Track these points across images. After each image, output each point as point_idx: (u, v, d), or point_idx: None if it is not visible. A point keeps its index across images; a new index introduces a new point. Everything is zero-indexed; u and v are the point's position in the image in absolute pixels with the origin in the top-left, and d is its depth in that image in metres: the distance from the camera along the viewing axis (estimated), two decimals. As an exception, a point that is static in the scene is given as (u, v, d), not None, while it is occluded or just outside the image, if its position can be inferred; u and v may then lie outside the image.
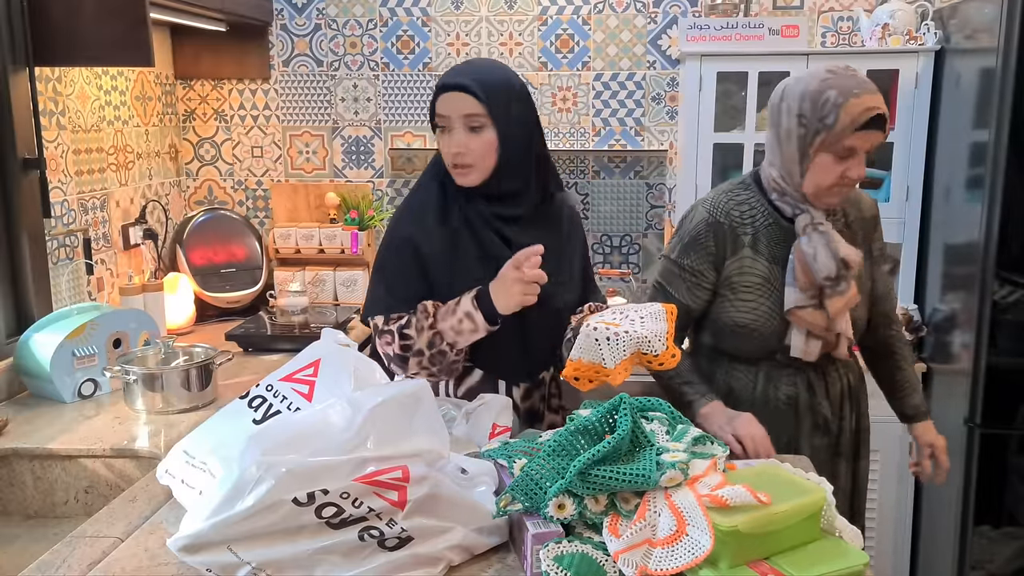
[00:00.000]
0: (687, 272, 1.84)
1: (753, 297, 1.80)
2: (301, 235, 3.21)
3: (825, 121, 1.68)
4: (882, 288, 1.95)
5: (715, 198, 1.85)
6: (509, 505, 1.27)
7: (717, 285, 1.84)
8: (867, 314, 1.90)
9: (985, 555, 2.51)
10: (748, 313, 1.81)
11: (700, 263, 1.83)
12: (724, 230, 1.82)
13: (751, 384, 1.85)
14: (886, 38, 2.75)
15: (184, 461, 1.39)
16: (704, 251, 1.82)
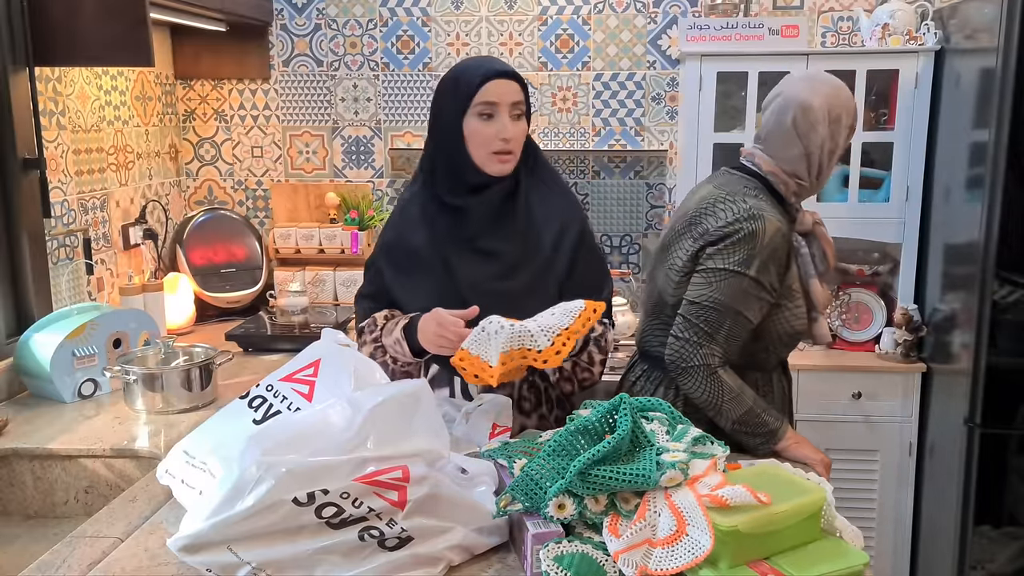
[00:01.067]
0: (766, 289, 1.73)
1: (802, 302, 1.80)
2: (301, 235, 3.21)
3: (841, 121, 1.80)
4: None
5: (769, 210, 1.75)
6: (509, 505, 1.27)
7: (778, 296, 1.77)
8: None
9: (985, 555, 2.51)
10: (801, 318, 1.80)
11: (776, 277, 1.75)
12: (788, 239, 1.77)
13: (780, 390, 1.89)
14: (886, 38, 2.75)
15: (184, 461, 1.39)
16: (779, 264, 1.75)
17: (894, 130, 2.77)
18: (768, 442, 1.70)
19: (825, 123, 1.76)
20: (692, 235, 1.78)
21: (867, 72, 2.73)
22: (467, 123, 1.67)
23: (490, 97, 1.66)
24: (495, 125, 1.66)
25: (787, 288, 1.77)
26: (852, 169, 2.81)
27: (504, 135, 1.66)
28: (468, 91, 1.67)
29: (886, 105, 2.88)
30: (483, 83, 1.67)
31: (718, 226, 1.73)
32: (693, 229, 1.78)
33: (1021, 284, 2.39)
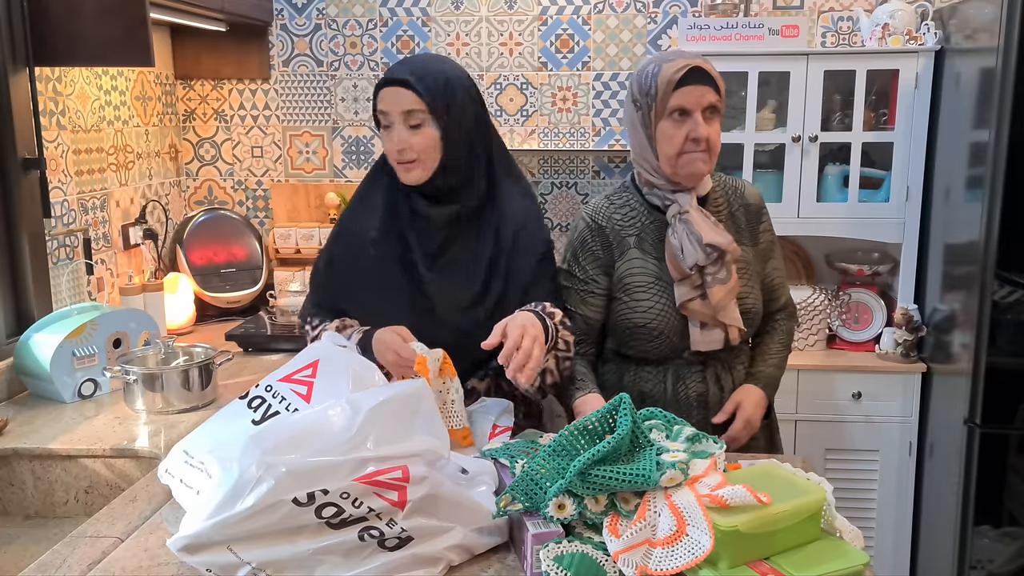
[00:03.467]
0: (579, 281, 1.85)
1: (647, 296, 1.80)
2: (301, 235, 3.21)
3: (649, 92, 1.72)
4: (776, 280, 1.92)
5: (595, 204, 1.88)
6: (509, 505, 1.27)
7: (611, 290, 1.84)
8: (763, 305, 1.88)
9: (985, 555, 2.51)
10: (644, 313, 1.81)
11: (591, 269, 1.84)
12: (607, 234, 1.84)
13: (661, 385, 1.85)
14: (886, 38, 2.75)
15: (184, 461, 1.39)
16: (592, 257, 1.84)
17: (894, 130, 2.77)
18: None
19: (629, 100, 1.78)
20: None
21: (867, 72, 2.73)
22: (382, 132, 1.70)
23: (383, 106, 1.66)
24: (391, 136, 1.66)
25: (619, 282, 1.83)
26: (852, 169, 2.81)
27: (399, 147, 1.64)
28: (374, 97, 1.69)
29: (886, 105, 2.88)
30: (377, 92, 1.67)
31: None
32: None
33: (1021, 284, 2.39)
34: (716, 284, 1.75)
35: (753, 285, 1.84)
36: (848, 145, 2.81)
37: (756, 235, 1.88)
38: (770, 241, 1.90)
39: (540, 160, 3.24)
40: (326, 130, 3.32)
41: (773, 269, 1.92)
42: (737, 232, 1.83)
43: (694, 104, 1.69)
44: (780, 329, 1.95)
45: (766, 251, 1.90)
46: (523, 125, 3.23)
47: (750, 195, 1.88)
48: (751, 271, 1.84)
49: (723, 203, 1.84)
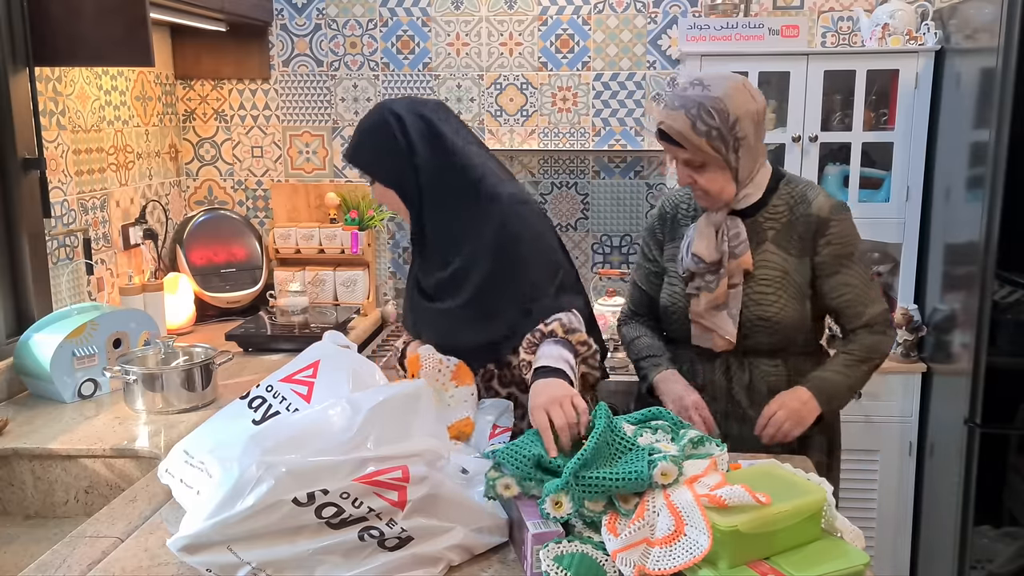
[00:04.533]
0: (643, 257, 2.04)
1: (676, 281, 1.93)
2: (301, 235, 3.21)
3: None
4: (844, 297, 1.85)
5: (673, 191, 2.04)
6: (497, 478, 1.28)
7: (663, 270, 1.99)
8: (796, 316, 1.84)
9: (985, 555, 2.51)
10: (669, 296, 1.94)
11: (651, 248, 2.02)
12: (668, 218, 2.00)
13: (680, 364, 1.95)
14: (886, 38, 2.75)
15: (184, 461, 1.39)
16: (654, 237, 2.02)
17: (894, 130, 2.77)
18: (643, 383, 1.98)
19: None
20: None
21: (867, 72, 2.73)
22: None
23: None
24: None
25: (667, 263, 1.98)
26: (852, 169, 2.81)
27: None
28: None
29: (886, 105, 2.88)
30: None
31: None
32: None
33: (1021, 284, 2.39)
34: (703, 291, 1.84)
35: (783, 296, 1.82)
36: (848, 145, 2.81)
37: (814, 247, 1.83)
38: (837, 256, 1.83)
39: (540, 160, 3.24)
40: (326, 130, 3.32)
41: (842, 284, 1.84)
42: (786, 243, 1.83)
43: (674, 156, 1.81)
44: (855, 341, 1.87)
45: (828, 265, 1.84)
46: (523, 125, 3.23)
47: (817, 206, 1.84)
48: (787, 282, 1.83)
49: (784, 212, 1.85)
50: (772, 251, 1.84)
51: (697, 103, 1.72)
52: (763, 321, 1.82)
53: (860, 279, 1.86)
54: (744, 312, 1.83)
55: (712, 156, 1.74)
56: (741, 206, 1.84)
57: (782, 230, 1.84)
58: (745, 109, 1.74)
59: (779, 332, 1.84)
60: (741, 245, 1.81)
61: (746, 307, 1.83)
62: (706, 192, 1.80)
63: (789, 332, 1.85)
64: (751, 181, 1.83)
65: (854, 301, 1.85)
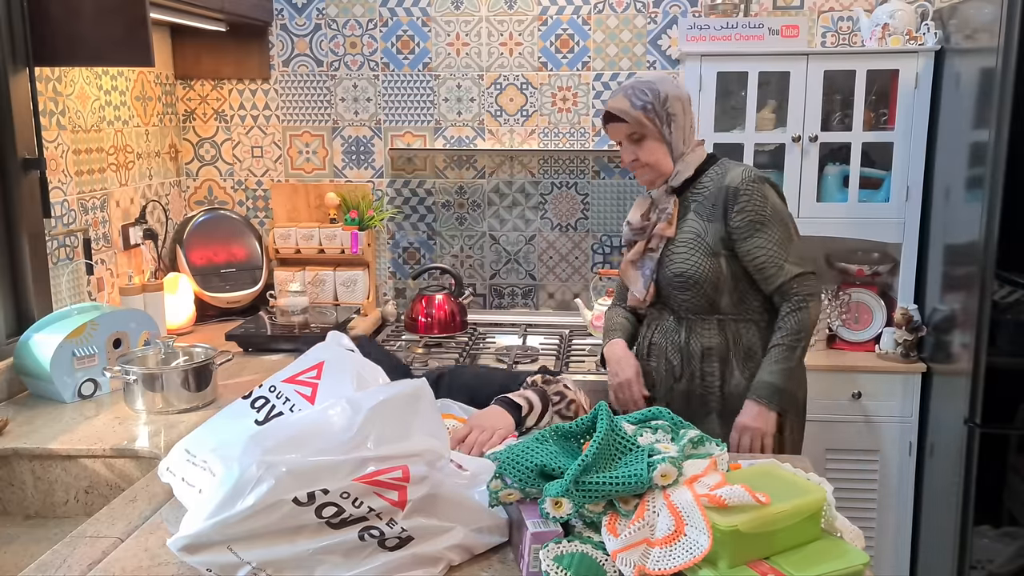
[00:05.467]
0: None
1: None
2: (301, 235, 3.21)
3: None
4: (757, 259, 2.04)
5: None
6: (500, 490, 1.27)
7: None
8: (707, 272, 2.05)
9: (985, 555, 2.51)
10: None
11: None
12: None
13: (640, 334, 2.27)
14: (886, 38, 2.75)
15: (185, 459, 1.39)
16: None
17: (894, 130, 2.77)
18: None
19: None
20: None
21: (867, 72, 2.73)
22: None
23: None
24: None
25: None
26: (852, 169, 2.81)
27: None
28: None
29: (886, 105, 2.88)
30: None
31: None
32: None
33: (1021, 284, 2.39)
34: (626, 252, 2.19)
35: (694, 254, 2.06)
36: (848, 145, 2.82)
37: (727, 214, 2.04)
38: (750, 222, 2.03)
39: (540, 160, 3.25)
40: (326, 130, 3.32)
41: (755, 247, 2.03)
42: (703, 211, 2.08)
43: (616, 137, 2.12)
44: (782, 327, 2.06)
45: (742, 229, 2.04)
46: (523, 125, 3.23)
47: (731, 178, 2.06)
48: (699, 243, 2.07)
49: (708, 186, 2.10)
50: (691, 219, 2.09)
51: (631, 87, 2.07)
52: (677, 277, 2.07)
53: (775, 242, 2.04)
54: (662, 271, 2.10)
55: (648, 127, 2.04)
56: (675, 183, 2.10)
57: (702, 201, 2.09)
58: (674, 92, 2.06)
59: (692, 287, 2.07)
60: (665, 216, 2.09)
61: (664, 266, 2.10)
62: (646, 165, 2.09)
63: (704, 288, 2.06)
64: (683, 161, 2.08)
65: (767, 263, 2.04)
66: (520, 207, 3.29)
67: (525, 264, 3.33)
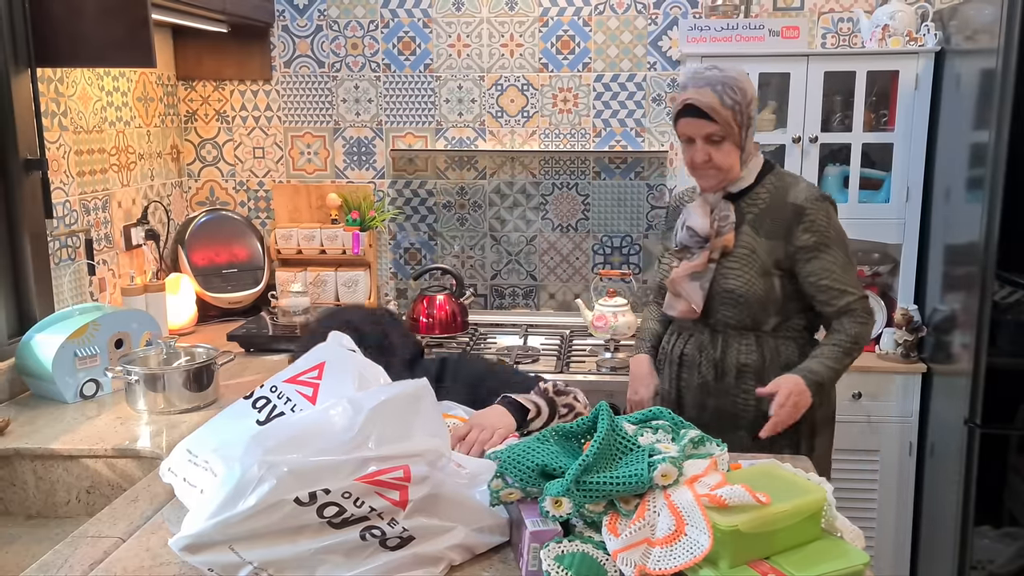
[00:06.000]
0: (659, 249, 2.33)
1: (668, 259, 2.13)
2: (303, 236, 3.22)
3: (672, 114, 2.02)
4: (821, 282, 1.96)
5: (682, 189, 2.24)
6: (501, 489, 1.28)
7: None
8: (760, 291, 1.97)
9: (985, 555, 2.51)
10: (660, 273, 2.18)
11: (664, 240, 2.25)
12: (671, 209, 2.24)
13: (669, 340, 2.18)
14: (886, 39, 2.75)
15: (187, 460, 1.39)
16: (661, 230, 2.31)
17: (894, 131, 2.78)
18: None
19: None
20: None
21: (867, 73, 2.73)
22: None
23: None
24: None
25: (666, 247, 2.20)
26: (852, 170, 2.81)
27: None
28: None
29: (886, 106, 2.88)
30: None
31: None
32: None
33: (1021, 284, 2.39)
34: (685, 261, 2.04)
35: (748, 272, 1.97)
36: (848, 146, 2.82)
37: (791, 233, 1.96)
38: (815, 243, 1.95)
39: (541, 161, 3.25)
40: (327, 131, 3.32)
41: (821, 269, 1.96)
42: (759, 226, 1.98)
43: (694, 133, 1.94)
44: (837, 330, 1.99)
45: (807, 250, 1.96)
46: (524, 126, 3.23)
47: (795, 195, 1.98)
48: (754, 260, 1.97)
49: (765, 198, 2.00)
50: (746, 232, 1.99)
51: (720, 81, 1.91)
52: (728, 293, 1.98)
53: (839, 265, 1.97)
54: (713, 285, 1.99)
55: (733, 130, 1.91)
56: (734, 189, 2.00)
57: (759, 214, 1.99)
58: (754, 92, 1.96)
59: (742, 305, 1.98)
60: (728, 225, 1.98)
61: (715, 281, 1.99)
62: (718, 168, 1.95)
63: (754, 308, 1.98)
64: (747, 167, 1.99)
65: (832, 286, 1.96)
66: (521, 208, 3.29)
67: (526, 265, 3.33)
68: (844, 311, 1.97)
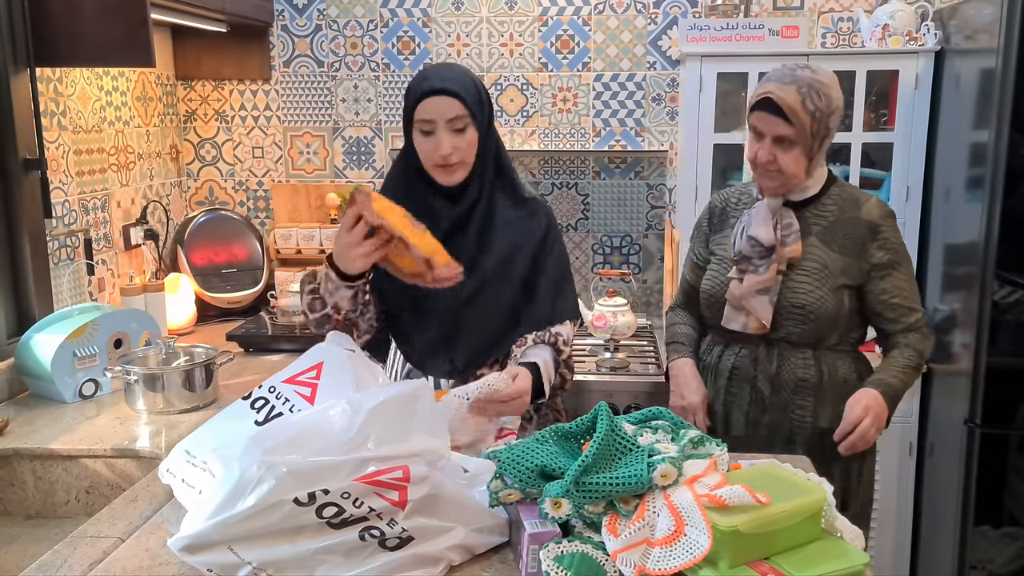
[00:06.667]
0: (690, 251, 2.14)
1: (718, 267, 2.02)
2: (302, 235, 3.22)
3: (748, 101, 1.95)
4: (893, 300, 1.92)
5: (727, 188, 2.13)
6: (500, 490, 1.28)
7: (707, 262, 2.08)
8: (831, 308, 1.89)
9: (985, 555, 2.51)
10: (709, 280, 2.04)
11: (697, 242, 2.12)
12: (717, 211, 2.09)
13: (711, 352, 2.07)
14: (886, 39, 2.75)
15: (185, 460, 1.39)
16: (700, 231, 2.12)
17: (894, 131, 2.77)
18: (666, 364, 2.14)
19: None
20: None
21: (867, 73, 2.73)
22: (414, 137, 1.76)
23: (427, 115, 1.72)
24: (432, 141, 1.73)
25: (711, 253, 2.07)
26: (852, 170, 2.81)
27: (440, 151, 1.72)
28: (409, 108, 1.75)
29: (886, 106, 2.88)
30: (418, 101, 1.72)
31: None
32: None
33: (1021, 284, 2.39)
34: (749, 273, 1.91)
35: (820, 287, 1.89)
36: (848, 146, 2.82)
37: (865, 249, 1.90)
38: (888, 261, 1.90)
39: (540, 161, 3.25)
40: (327, 131, 3.32)
41: (893, 287, 1.91)
42: (831, 240, 1.90)
43: (765, 130, 1.83)
44: (905, 344, 1.94)
45: (881, 267, 1.91)
46: (523, 126, 3.23)
47: (867, 211, 1.91)
48: (826, 275, 1.89)
49: (833, 210, 1.92)
50: (815, 245, 1.90)
51: (808, 83, 1.80)
52: (798, 309, 1.89)
53: (910, 283, 1.94)
54: (780, 299, 1.89)
55: (806, 136, 1.80)
56: (798, 198, 1.92)
57: (828, 227, 1.91)
58: (840, 104, 1.84)
59: (811, 322, 1.90)
60: (793, 235, 1.88)
61: (782, 295, 1.89)
62: (782, 172, 1.84)
63: (822, 324, 1.90)
64: (812, 176, 1.90)
65: (902, 304, 1.93)
66: (520, 207, 3.28)
67: (525, 264, 3.32)
68: (912, 328, 1.93)
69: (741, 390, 1.98)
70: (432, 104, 1.71)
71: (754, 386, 1.97)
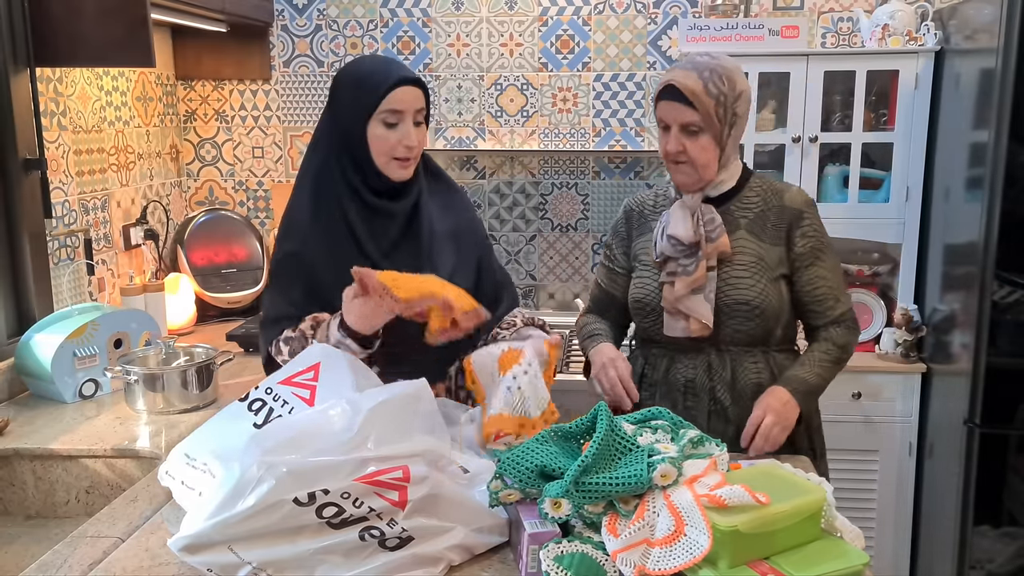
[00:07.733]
0: (606, 257, 2.03)
1: (648, 274, 1.91)
2: (302, 235, 3.21)
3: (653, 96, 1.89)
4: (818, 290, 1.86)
5: (641, 193, 2.04)
6: (500, 490, 1.28)
7: (630, 268, 1.98)
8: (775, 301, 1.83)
9: (985, 555, 2.51)
10: (640, 288, 1.92)
11: (616, 248, 2.01)
12: (635, 215, 2.00)
13: (658, 365, 1.92)
14: (886, 39, 2.75)
15: (184, 463, 1.39)
16: (619, 236, 2.01)
17: (894, 131, 2.78)
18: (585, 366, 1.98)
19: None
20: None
21: (867, 73, 2.73)
22: (371, 128, 1.67)
23: (397, 105, 1.66)
24: (398, 132, 1.67)
25: (633, 258, 1.97)
26: (852, 169, 2.81)
27: (408, 143, 1.67)
28: (373, 98, 1.66)
29: (886, 106, 2.88)
30: (390, 90, 1.66)
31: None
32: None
33: (1021, 284, 2.39)
34: (680, 275, 1.81)
35: (760, 280, 1.82)
36: (848, 145, 2.82)
37: (790, 239, 1.85)
38: (813, 248, 1.85)
39: (540, 160, 3.25)
40: (327, 130, 3.32)
41: (817, 277, 1.85)
42: (760, 231, 1.84)
43: (671, 119, 1.78)
44: (825, 338, 1.87)
45: (805, 256, 1.85)
46: (523, 126, 3.23)
47: (790, 199, 1.86)
48: (762, 267, 1.83)
49: (757, 202, 1.86)
50: (746, 238, 1.83)
51: (709, 68, 1.76)
52: (742, 305, 1.80)
53: (833, 273, 1.88)
54: (721, 297, 1.81)
55: (712, 122, 1.75)
56: (714, 193, 1.85)
57: (755, 218, 1.85)
58: (744, 89, 1.79)
59: (757, 318, 1.82)
60: (717, 229, 1.81)
61: (723, 292, 1.81)
62: (693, 163, 1.78)
63: (767, 319, 1.83)
64: (727, 170, 1.84)
65: (828, 295, 1.86)
66: (520, 207, 3.29)
67: (525, 264, 3.33)
68: (836, 321, 1.86)
69: (699, 402, 1.86)
70: (403, 94, 1.66)
71: (713, 397, 1.85)
